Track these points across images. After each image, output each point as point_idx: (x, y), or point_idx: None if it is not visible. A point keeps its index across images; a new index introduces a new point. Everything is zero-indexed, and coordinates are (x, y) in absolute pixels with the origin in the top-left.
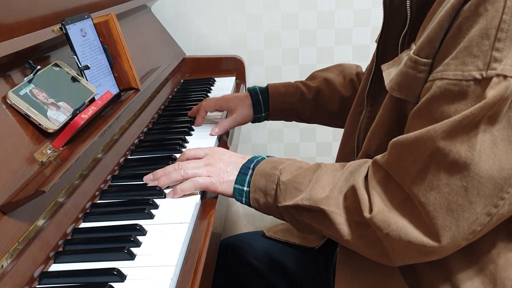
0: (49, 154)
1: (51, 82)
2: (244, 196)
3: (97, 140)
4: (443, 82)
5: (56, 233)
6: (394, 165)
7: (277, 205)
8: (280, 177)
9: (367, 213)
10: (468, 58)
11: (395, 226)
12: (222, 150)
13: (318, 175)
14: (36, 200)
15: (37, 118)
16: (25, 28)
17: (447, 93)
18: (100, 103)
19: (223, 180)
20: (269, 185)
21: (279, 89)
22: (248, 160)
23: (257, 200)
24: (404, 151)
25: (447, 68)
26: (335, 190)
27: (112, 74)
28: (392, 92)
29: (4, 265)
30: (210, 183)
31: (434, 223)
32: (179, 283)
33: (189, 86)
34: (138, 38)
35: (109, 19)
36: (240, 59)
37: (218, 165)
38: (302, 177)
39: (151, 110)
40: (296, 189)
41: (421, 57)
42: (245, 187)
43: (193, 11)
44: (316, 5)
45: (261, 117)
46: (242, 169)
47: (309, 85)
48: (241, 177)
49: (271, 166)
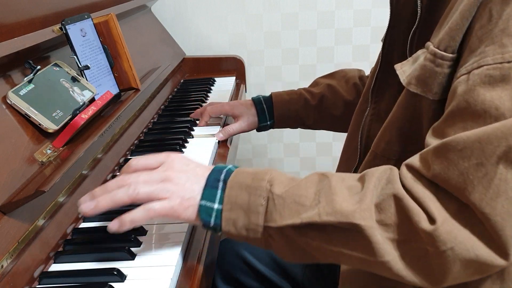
0: (49, 154)
1: (50, 83)
2: (213, 215)
3: (97, 140)
4: (481, 69)
5: (56, 233)
6: (445, 174)
7: (266, 225)
8: (271, 189)
9: (426, 223)
10: (506, 39)
11: (461, 239)
12: (183, 158)
13: (330, 184)
14: (36, 200)
15: (37, 118)
16: (25, 28)
17: (487, 79)
18: (100, 103)
19: (187, 204)
20: (255, 201)
21: (282, 97)
22: (213, 171)
23: (234, 221)
24: (461, 155)
25: (484, 55)
26: (366, 200)
27: (112, 74)
28: (409, 86)
29: (4, 265)
30: (170, 209)
31: (502, 235)
32: (179, 283)
33: (189, 86)
34: (138, 38)
35: (109, 19)
36: (240, 59)
37: (180, 181)
38: (303, 189)
39: (151, 110)
40: (298, 203)
41: (440, 49)
42: (215, 204)
43: (193, 11)
44: (316, 5)
45: (266, 125)
46: (210, 182)
47: (313, 91)
48: (210, 191)
49: (253, 177)
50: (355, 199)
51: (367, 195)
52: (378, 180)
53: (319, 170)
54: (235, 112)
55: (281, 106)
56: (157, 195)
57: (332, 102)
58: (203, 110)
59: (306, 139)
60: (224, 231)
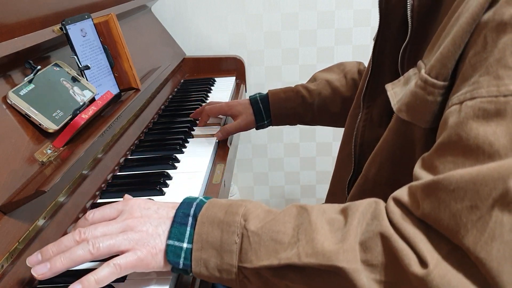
0: (50, 154)
1: (51, 83)
2: (182, 256)
3: (97, 140)
4: (475, 101)
5: (56, 233)
6: (436, 214)
7: (240, 266)
8: (246, 225)
9: (418, 268)
10: (502, 71)
11: (455, 283)
12: (143, 202)
13: (310, 220)
14: (37, 200)
15: (37, 118)
16: (25, 28)
17: (481, 113)
18: (100, 103)
19: (155, 251)
20: (228, 239)
21: (279, 95)
22: (183, 203)
23: (206, 261)
24: (453, 196)
25: (478, 86)
26: (350, 239)
27: (112, 74)
28: (399, 113)
29: (4, 265)
30: (137, 261)
31: (499, 281)
32: (179, 284)
33: (189, 86)
34: (138, 38)
35: (109, 19)
36: (240, 59)
37: (143, 227)
38: (281, 223)
39: (151, 110)
40: (275, 241)
41: (431, 76)
42: (184, 243)
43: (193, 11)
44: (316, 5)
45: (264, 124)
46: (178, 217)
47: (310, 88)
48: (178, 229)
49: (226, 211)
50: (338, 237)
51: (350, 233)
52: (363, 215)
53: (319, 170)
54: (233, 111)
55: (277, 105)
56: (119, 247)
57: (330, 99)
58: (202, 110)
59: (306, 139)
60: (195, 272)
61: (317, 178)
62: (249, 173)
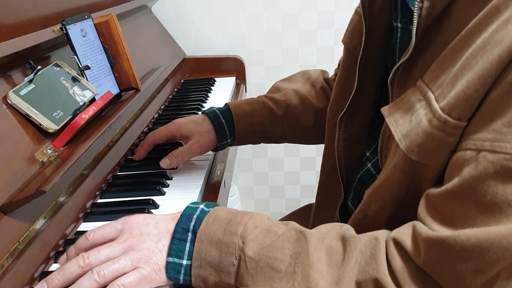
0: (50, 154)
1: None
2: (182, 272)
3: (97, 140)
4: (497, 156)
5: (56, 233)
6: (438, 269)
7: (238, 286)
8: (243, 248)
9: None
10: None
11: None
12: (141, 218)
13: (308, 251)
14: (37, 200)
15: (38, 118)
16: (25, 28)
17: (503, 171)
18: (101, 103)
19: (158, 267)
20: (226, 260)
21: (242, 107)
22: (182, 216)
23: (204, 278)
24: (458, 257)
25: (501, 138)
26: (345, 282)
27: (112, 74)
28: (410, 154)
29: (4, 265)
30: (142, 279)
31: None
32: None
33: (189, 86)
34: (138, 38)
35: (109, 19)
36: (240, 59)
37: (143, 245)
38: (279, 250)
39: (152, 110)
40: (272, 269)
41: (453, 117)
42: (184, 260)
43: (193, 11)
44: (316, 5)
45: (226, 143)
46: (177, 233)
47: (277, 99)
48: (177, 246)
49: (224, 229)
50: (334, 277)
51: (346, 276)
52: (361, 253)
53: (319, 170)
54: (182, 132)
55: (242, 120)
56: (123, 270)
57: (301, 110)
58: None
59: None
60: (194, 286)
61: (317, 178)
62: (249, 173)
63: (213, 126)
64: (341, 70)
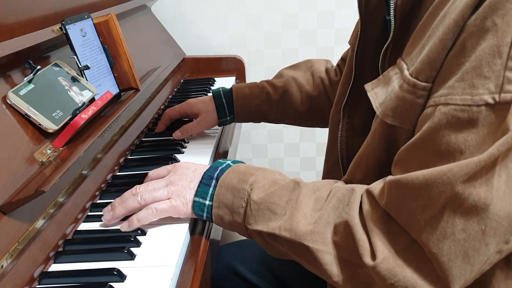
0: (49, 154)
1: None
2: (205, 211)
3: (97, 140)
4: (449, 108)
5: (56, 233)
6: (396, 209)
7: (246, 226)
8: (250, 193)
9: (369, 259)
10: (477, 80)
11: (401, 276)
12: (186, 164)
13: (298, 197)
14: (36, 200)
15: (37, 118)
16: (25, 28)
17: (454, 120)
18: (100, 103)
19: (186, 200)
20: (237, 202)
21: (243, 90)
22: (211, 167)
23: (221, 217)
24: (409, 195)
25: (453, 92)
26: (321, 222)
27: (112, 74)
28: (385, 118)
29: (4, 265)
30: (170, 207)
31: (449, 274)
32: (179, 283)
33: (189, 86)
34: (138, 38)
35: (109, 19)
36: (240, 59)
37: (180, 182)
38: (277, 196)
39: (151, 110)
40: (270, 211)
41: (421, 80)
42: (207, 201)
43: (193, 11)
44: (316, 5)
45: (226, 120)
46: (204, 179)
47: (275, 85)
48: (203, 189)
49: (239, 178)
50: (314, 218)
51: (323, 217)
52: (339, 201)
53: (319, 170)
54: (193, 110)
55: (241, 101)
56: (160, 197)
57: (296, 97)
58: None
59: (306, 139)
60: (215, 223)
61: (317, 178)
62: None
63: (215, 105)
64: (345, 68)
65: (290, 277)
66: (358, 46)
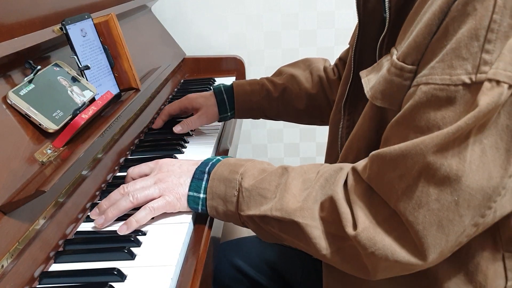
0: (50, 154)
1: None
2: (200, 204)
3: (97, 140)
4: (429, 87)
5: (56, 233)
6: (376, 181)
7: (239, 213)
8: (241, 182)
9: (351, 229)
10: (456, 61)
11: (381, 245)
12: (169, 160)
13: (287, 180)
14: (36, 200)
15: (37, 118)
16: (25, 28)
17: (433, 99)
18: (100, 103)
19: (179, 196)
20: (229, 192)
21: (244, 87)
22: (202, 163)
23: (216, 208)
24: (387, 166)
25: (433, 72)
26: (309, 200)
27: (112, 74)
28: (374, 101)
29: (4, 265)
30: (166, 204)
31: (424, 242)
32: (179, 283)
33: (189, 86)
34: (138, 38)
35: (109, 19)
36: (240, 59)
37: (169, 179)
38: (267, 182)
39: (151, 110)
40: (261, 196)
41: (407, 63)
42: (201, 194)
43: (193, 11)
44: (316, 5)
45: (227, 116)
46: (196, 174)
47: (275, 82)
48: (196, 183)
49: (230, 169)
50: (302, 196)
51: (311, 195)
52: (326, 180)
53: None
54: (194, 105)
55: (242, 97)
56: (153, 195)
57: (295, 94)
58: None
59: (306, 139)
60: (210, 214)
61: None
62: None
63: (216, 100)
64: (346, 69)
65: (290, 272)
66: (356, 45)
